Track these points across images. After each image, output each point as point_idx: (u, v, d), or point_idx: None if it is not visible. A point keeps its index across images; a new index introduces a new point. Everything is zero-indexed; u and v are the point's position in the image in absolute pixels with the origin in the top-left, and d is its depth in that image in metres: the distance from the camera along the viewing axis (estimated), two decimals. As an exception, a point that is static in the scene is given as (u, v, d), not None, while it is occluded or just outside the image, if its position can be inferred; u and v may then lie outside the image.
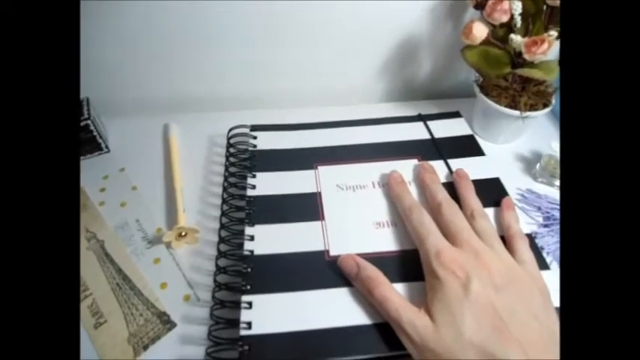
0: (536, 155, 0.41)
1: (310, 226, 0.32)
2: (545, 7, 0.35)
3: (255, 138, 0.40)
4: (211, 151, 0.42)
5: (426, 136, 0.41)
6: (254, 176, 0.36)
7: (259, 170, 0.37)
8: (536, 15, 0.36)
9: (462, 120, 0.43)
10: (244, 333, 0.26)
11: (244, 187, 0.35)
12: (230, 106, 0.48)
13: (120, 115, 0.45)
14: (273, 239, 0.31)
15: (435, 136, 0.41)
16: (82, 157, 0.41)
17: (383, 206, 0.34)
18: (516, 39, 0.34)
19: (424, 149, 0.39)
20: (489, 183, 0.36)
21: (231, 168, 0.37)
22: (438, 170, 0.36)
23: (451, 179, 0.36)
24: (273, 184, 0.35)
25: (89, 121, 0.39)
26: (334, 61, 0.46)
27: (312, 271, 0.29)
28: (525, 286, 0.25)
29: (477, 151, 0.39)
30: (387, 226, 0.32)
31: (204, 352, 0.26)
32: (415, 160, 0.38)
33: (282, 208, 0.33)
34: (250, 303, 0.27)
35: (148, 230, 0.35)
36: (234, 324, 0.26)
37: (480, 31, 0.36)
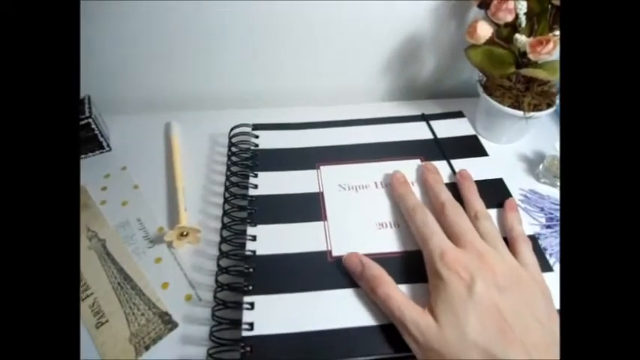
0: (540, 156, 0.41)
1: (312, 227, 0.32)
2: (550, 6, 0.35)
3: (257, 137, 0.40)
4: (213, 150, 0.42)
5: (429, 136, 0.41)
6: (256, 176, 0.36)
7: (261, 170, 0.36)
8: (541, 14, 0.36)
9: (465, 120, 0.43)
10: (246, 334, 0.26)
11: (246, 186, 0.35)
12: (232, 105, 0.48)
13: (121, 114, 0.45)
14: (275, 239, 0.31)
15: (438, 136, 0.40)
16: (83, 155, 0.41)
17: (385, 207, 0.34)
18: (521, 39, 0.34)
19: (427, 149, 0.39)
20: (492, 183, 0.35)
21: (233, 167, 0.37)
22: (440, 170, 0.36)
23: (454, 180, 0.36)
24: (275, 183, 0.35)
25: (90, 120, 0.39)
26: (337, 60, 0.46)
27: (315, 272, 0.29)
28: (528, 289, 0.25)
29: (480, 152, 0.39)
30: (390, 227, 0.32)
31: (205, 352, 0.26)
32: (418, 160, 0.38)
33: (285, 208, 0.33)
34: (252, 304, 0.27)
35: (149, 229, 0.35)
36: (236, 325, 0.26)
37: (485, 31, 0.36)
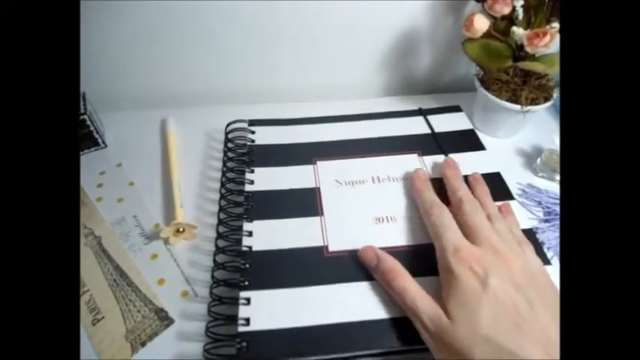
0: (537, 150, 0.41)
1: (309, 222, 0.32)
2: (548, -2, 0.35)
3: (254, 133, 0.40)
4: (209, 146, 0.42)
5: (427, 131, 0.40)
6: (252, 171, 0.36)
7: (257, 165, 0.36)
8: (538, 7, 0.35)
9: (462, 114, 0.43)
10: (242, 329, 0.26)
11: (242, 182, 0.35)
12: (228, 101, 0.48)
13: (117, 111, 0.45)
14: (271, 235, 0.31)
15: (436, 131, 0.40)
16: (78, 152, 0.41)
17: (382, 201, 0.34)
18: (518, 31, 0.34)
19: (424, 144, 0.39)
20: (490, 178, 0.35)
21: (229, 163, 0.37)
22: (439, 165, 0.36)
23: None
24: (271, 179, 0.35)
25: (86, 117, 0.39)
26: (333, 55, 0.46)
27: (311, 267, 0.29)
28: (545, 287, 0.25)
29: (478, 146, 0.39)
30: (387, 222, 0.32)
31: (202, 348, 0.26)
32: (415, 155, 0.38)
33: (281, 203, 0.33)
34: (248, 299, 0.27)
35: (145, 226, 0.35)
36: (232, 320, 0.26)
37: (481, 24, 0.35)
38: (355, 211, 0.33)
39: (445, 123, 0.41)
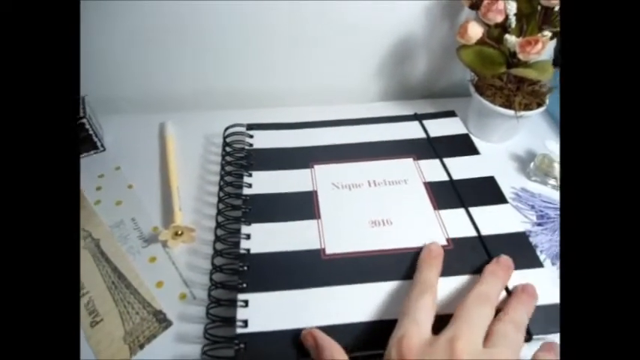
0: (531, 154, 0.42)
1: (306, 225, 0.32)
2: (540, 7, 0.35)
3: (252, 137, 0.40)
4: (207, 150, 0.42)
5: (422, 135, 0.41)
6: (250, 175, 0.36)
7: (255, 169, 0.37)
8: (531, 15, 0.36)
9: (457, 119, 0.43)
10: (240, 331, 0.26)
11: (240, 185, 0.35)
12: (226, 105, 0.48)
13: (116, 114, 0.45)
14: (269, 238, 0.31)
15: (431, 135, 0.41)
16: (77, 155, 0.41)
17: (378, 205, 0.34)
18: (511, 39, 0.35)
19: (419, 148, 0.39)
20: (484, 182, 0.36)
21: (228, 167, 0.38)
22: (434, 169, 0.36)
23: (446, 178, 0.36)
24: (269, 182, 0.35)
25: (85, 120, 0.39)
26: (330, 61, 0.46)
27: (308, 270, 0.29)
28: None
29: (472, 150, 0.40)
30: (383, 225, 0.32)
31: (200, 350, 0.26)
32: (411, 159, 0.38)
33: (279, 206, 0.34)
34: (246, 301, 0.27)
35: (143, 229, 0.35)
36: (230, 322, 0.27)
37: (475, 31, 0.36)
38: (352, 215, 0.33)
39: (440, 128, 0.42)
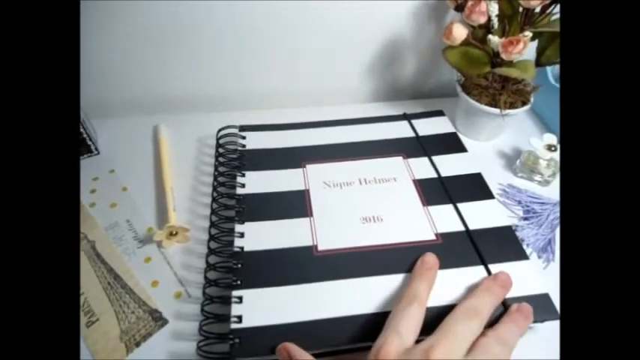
0: (517, 152, 0.43)
1: (299, 223, 0.33)
2: (521, 8, 0.37)
3: (244, 138, 0.41)
4: (201, 152, 0.43)
5: (411, 134, 0.42)
6: (243, 175, 0.37)
7: (248, 169, 0.37)
8: (513, 16, 0.37)
9: (445, 118, 0.45)
10: (235, 326, 0.26)
11: (234, 185, 0.36)
12: (219, 107, 0.49)
13: (109, 117, 0.46)
14: (262, 236, 0.32)
15: (420, 134, 0.42)
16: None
17: (369, 202, 0.35)
18: (494, 39, 0.36)
19: (409, 147, 0.40)
20: (471, 178, 0.37)
21: (221, 167, 0.38)
22: (423, 166, 0.37)
23: (434, 175, 0.37)
24: (262, 182, 0.36)
25: (79, 123, 0.39)
26: (321, 63, 0.47)
27: (301, 266, 0.30)
28: None
29: (460, 148, 0.41)
30: (374, 222, 0.33)
31: (195, 347, 0.27)
32: (400, 158, 0.39)
33: (271, 205, 0.34)
34: (241, 297, 0.28)
35: (138, 230, 0.35)
36: (224, 319, 0.27)
37: (460, 32, 0.37)
38: (343, 212, 0.34)
39: (429, 127, 0.43)
